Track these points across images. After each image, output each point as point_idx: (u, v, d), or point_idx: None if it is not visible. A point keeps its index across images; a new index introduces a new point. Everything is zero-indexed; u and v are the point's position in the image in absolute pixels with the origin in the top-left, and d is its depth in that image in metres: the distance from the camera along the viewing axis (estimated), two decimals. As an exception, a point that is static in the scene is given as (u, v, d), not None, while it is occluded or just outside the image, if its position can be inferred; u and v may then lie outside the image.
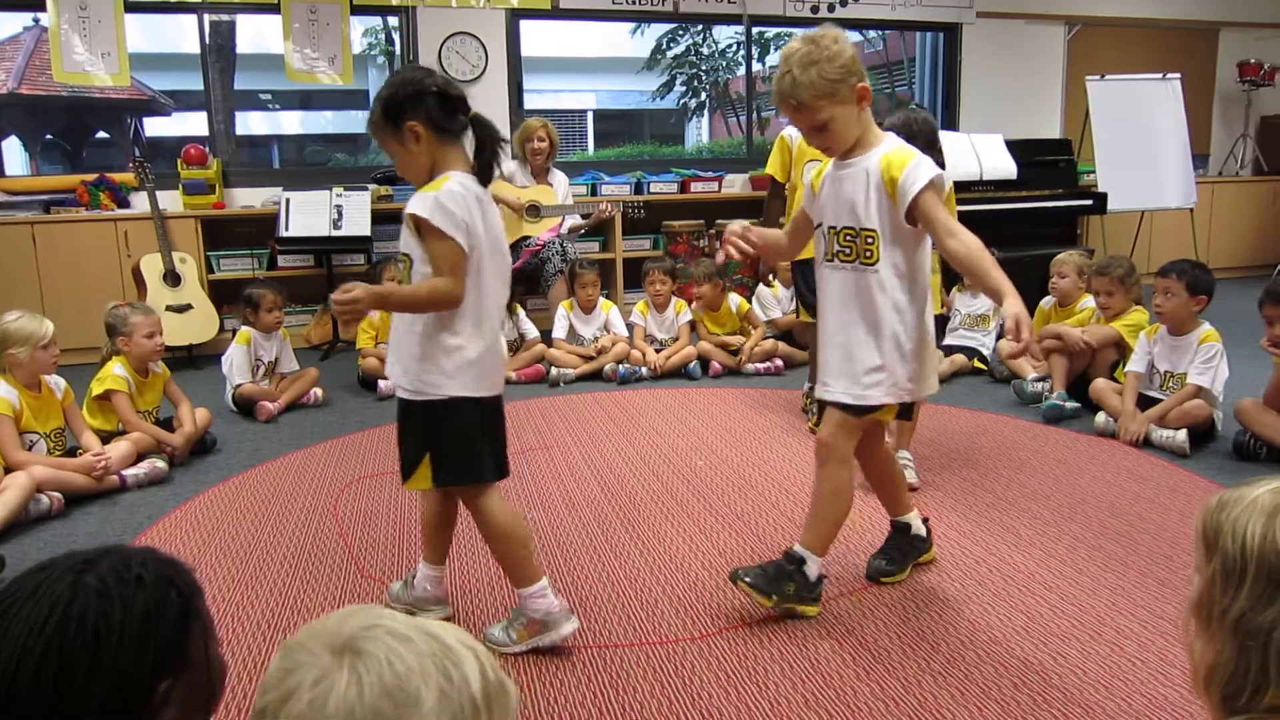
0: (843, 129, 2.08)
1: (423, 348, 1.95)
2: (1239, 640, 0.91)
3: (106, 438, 3.41)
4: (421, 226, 1.89)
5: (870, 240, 2.11)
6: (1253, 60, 7.90)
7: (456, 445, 2.00)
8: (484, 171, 2.01)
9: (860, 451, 2.29)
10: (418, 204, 1.90)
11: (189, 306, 5.21)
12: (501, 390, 2.09)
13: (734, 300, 5.02)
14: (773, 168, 3.81)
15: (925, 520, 2.49)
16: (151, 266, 5.18)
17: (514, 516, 2.09)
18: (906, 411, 2.31)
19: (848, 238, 2.14)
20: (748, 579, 2.16)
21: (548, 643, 2.04)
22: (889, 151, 2.09)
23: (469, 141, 2.02)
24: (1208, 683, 0.95)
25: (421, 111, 1.92)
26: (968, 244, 2.02)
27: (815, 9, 6.92)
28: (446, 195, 1.89)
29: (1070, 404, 3.82)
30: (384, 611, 0.79)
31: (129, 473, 3.28)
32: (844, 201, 2.14)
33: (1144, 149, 6.68)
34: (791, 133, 3.64)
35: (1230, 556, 0.92)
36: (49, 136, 11.48)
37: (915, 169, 2.03)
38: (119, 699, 0.92)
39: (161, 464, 3.39)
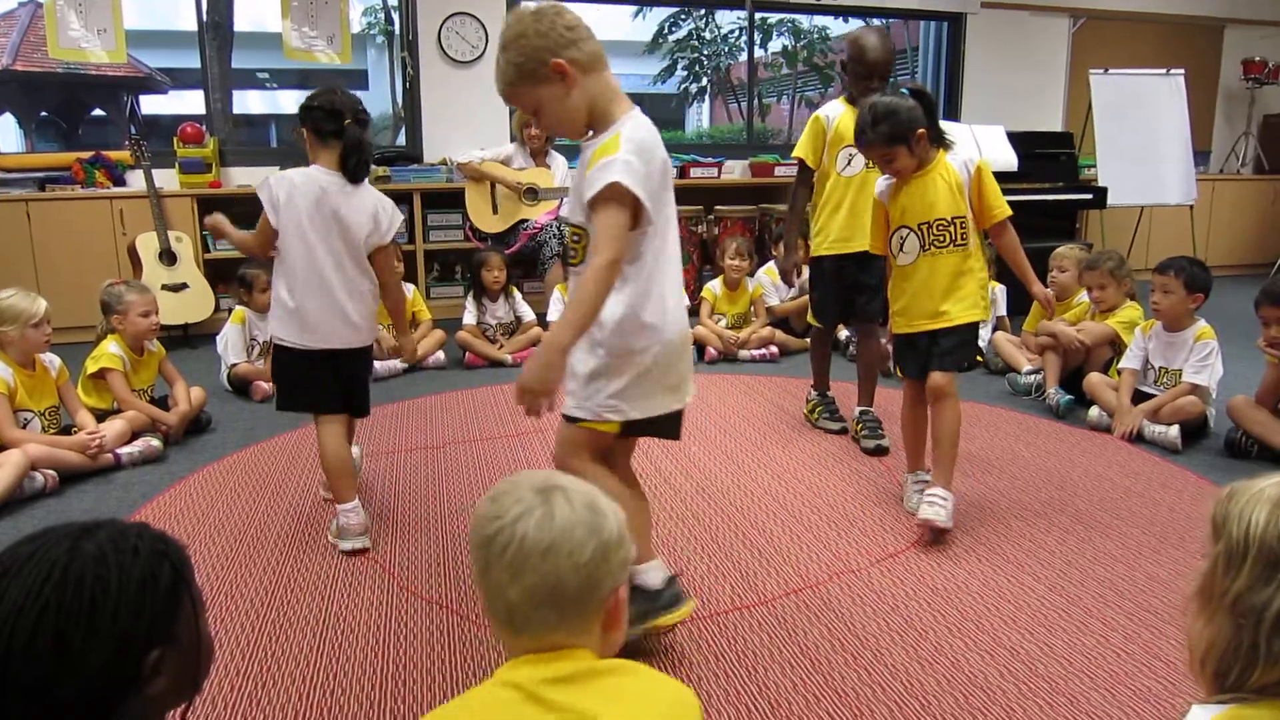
0: (552, 112, 1.84)
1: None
2: (1235, 619, 0.96)
3: (101, 416, 3.41)
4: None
5: (577, 239, 1.88)
6: (1257, 58, 7.88)
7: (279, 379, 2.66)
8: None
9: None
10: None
11: (185, 286, 5.20)
12: (337, 345, 2.55)
13: (749, 282, 5.03)
14: (803, 151, 3.42)
15: (673, 577, 2.01)
16: (147, 245, 5.17)
17: (337, 451, 2.57)
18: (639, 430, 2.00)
19: (574, 236, 1.90)
20: None
21: (342, 545, 2.53)
22: (603, 141, 1.80)
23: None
24: (1204, 661, 1.00)
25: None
26: (592, 269, 1.70)
27: (818, -3, 6.90)
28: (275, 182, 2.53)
29: (1065, 398, 3.82)
30: (547, 470, 1.11)
31: (124, 451, 3.28)
32: (575, 193, 1.90)
33: (1145, 144, 6.67)
34: (828, 113, 3.31)
35: (1234, 541, 0.98)
36: (44, 114, 11.42)
37: (600, 170, 1.73)
38: (113, 665, 0.93)
39: (156, 443, 3.39)
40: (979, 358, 4.68)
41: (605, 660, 1.05)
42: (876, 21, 11.34)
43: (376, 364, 4.46)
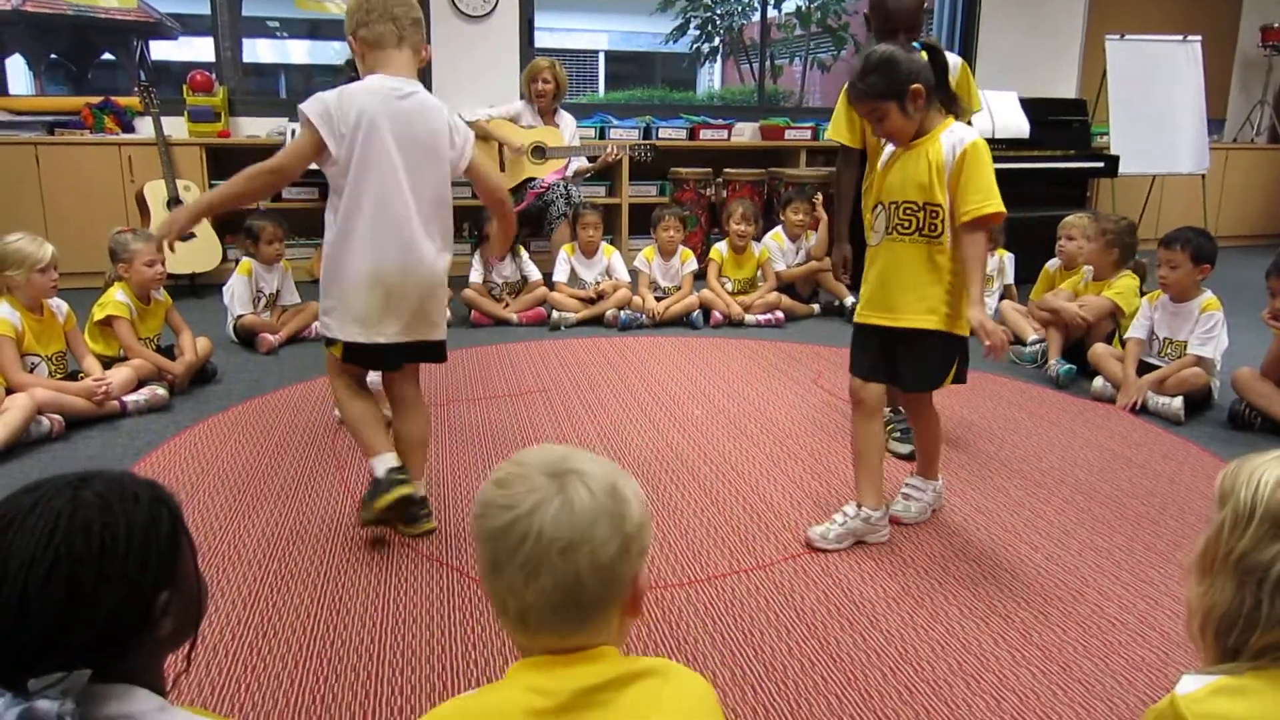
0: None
1: None
2: (1238, 578, 0.99)
3: (108, 363, 3.43)
4: None
5: None
6: (1276, 24, 7.75)
7: None
8: None
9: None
10: None
11: (192, 235, 5.19)
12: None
13: (755, 247, 5.00)
14: (837, 132, 3.17)
15: (398, 468, 2.32)
16: (155, 193, 5.15)
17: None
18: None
19: None
20: None
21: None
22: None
23: None
24: (1204, 624, 1.03)
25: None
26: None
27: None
28: None
29: (1065, 368, 3.82)
30: (557, 446, 1.02)
31: (129, 399, 3.30)
32: None
33: (1160, 112, 6.59)
34: None
35: (1242, 502, 1.00)
36: (54, 56, 11.32)
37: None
38: (124, 608, 0.96)
39: (162, 391, 3.41)
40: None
41: (632, 661, 0.99)
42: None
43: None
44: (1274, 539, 0.97)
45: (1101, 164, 6.17)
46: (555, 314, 4.73)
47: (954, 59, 2.45)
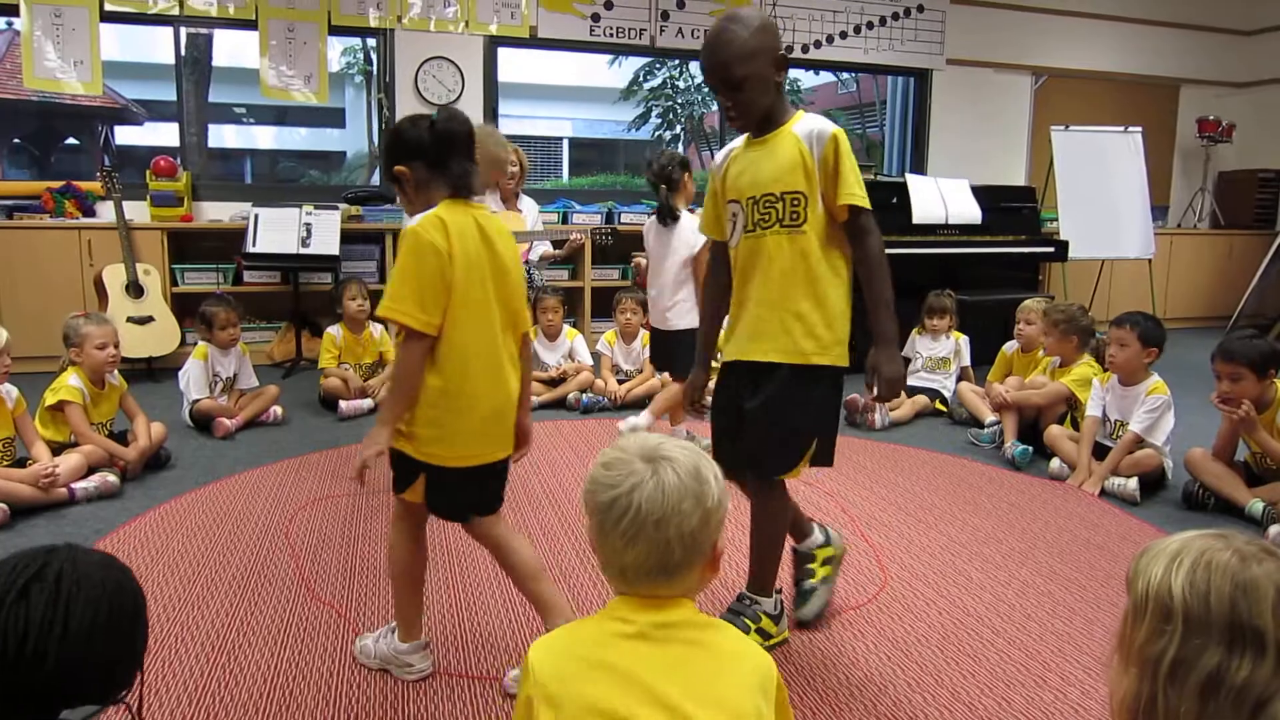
0: None
1: None
2: (1139, 668, 1.00)
3: (59, 449, 3.36)
4: None
5: None
6: (1211, 117, 8.14)
7: None
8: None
9: None
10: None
11: (150, 319, 5.16)
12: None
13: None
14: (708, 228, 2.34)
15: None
16: (114, 277, 5.12)
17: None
18: None
19: None
20: None
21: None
22: None
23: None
24: (1118, 711, 1.04)
25: None
26: None
27: (789, 49, 7.03)
28: None
29: (1021, 449, 3.87)
30: (651, 435, 1.22)
31: (78, 486, 3.22)
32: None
33: (1106, 199, 6.83)
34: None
35: (1138, 595, 1.01)
36: (17, 140, 11.34)
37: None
38: (142, 652, 1.19)
39: (113, 478, 3.33)
40: (943, 406, 4.72)
41: (703, 616, 1.20)
42: (845, 76, 11.53)
43: (342, 404, 4.44)
44: (1161, 633, 0.97)
45: (1052, 249, 6.36)
46: (517, 397, 4.72)
47: (821, 125, 2.07)
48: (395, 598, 2.10)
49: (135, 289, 5.15)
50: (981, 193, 6.20)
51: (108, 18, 5.59)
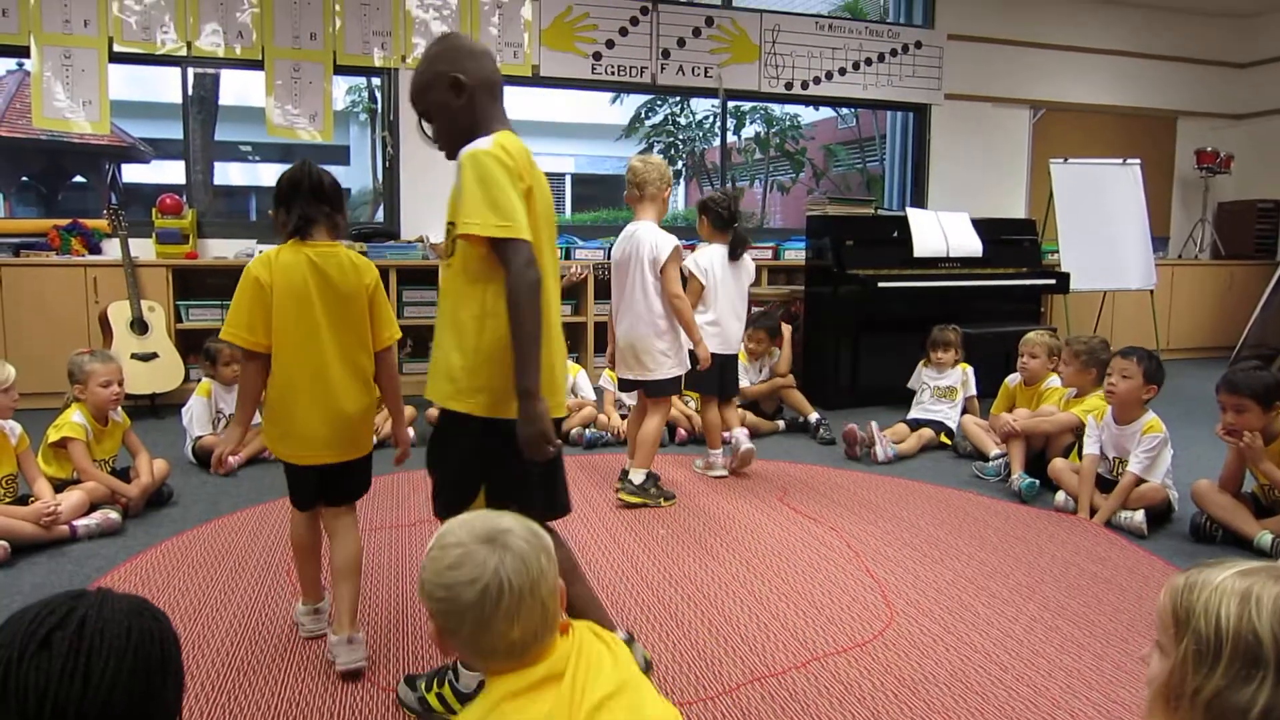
0: None
1: None
2: (1211, 719, 0.91)
3: (61, 486, 3.35)
4: None
5: None
6: (1209, 148, 8.19)
7: None
8: None
9: None
10: None
11: (155, 355, 5.17)
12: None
13: None
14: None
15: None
16: (119, 314, 5.14)
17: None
18: None
19: None
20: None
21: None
22: None
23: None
24: None
25: None
26: None
27: (789, 85, 7.10)
28: None
29: (1027, 482, 3.85)
30: (463, 517, 1.26)
31: (80, 523, 3.21)
32: None
33: (1105, 231, 6.86)
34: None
35: (1205, 637, 0.93)
36: (25, 179, 11.45)
37: None
38: (175, 703, 1.11)
39: (115, 515, 3.32)
40: (947, 439, 4.70)
41: (567, 637, 1.28)
42: (844, 111, 11.65)
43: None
44: (1248, 679, 0.89)
45: (1054, 281, 6.37)
46: (520, 432, 4.71)
47: (473, 146, 1.90)
48: (295, 565, 2.52)
49: (140, 325, 5.16)
50: (982, 225, 6.22)
51: (117, 59, 5.67)
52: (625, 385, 3.90)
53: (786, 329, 5.12)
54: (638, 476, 3.69)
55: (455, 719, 1.26)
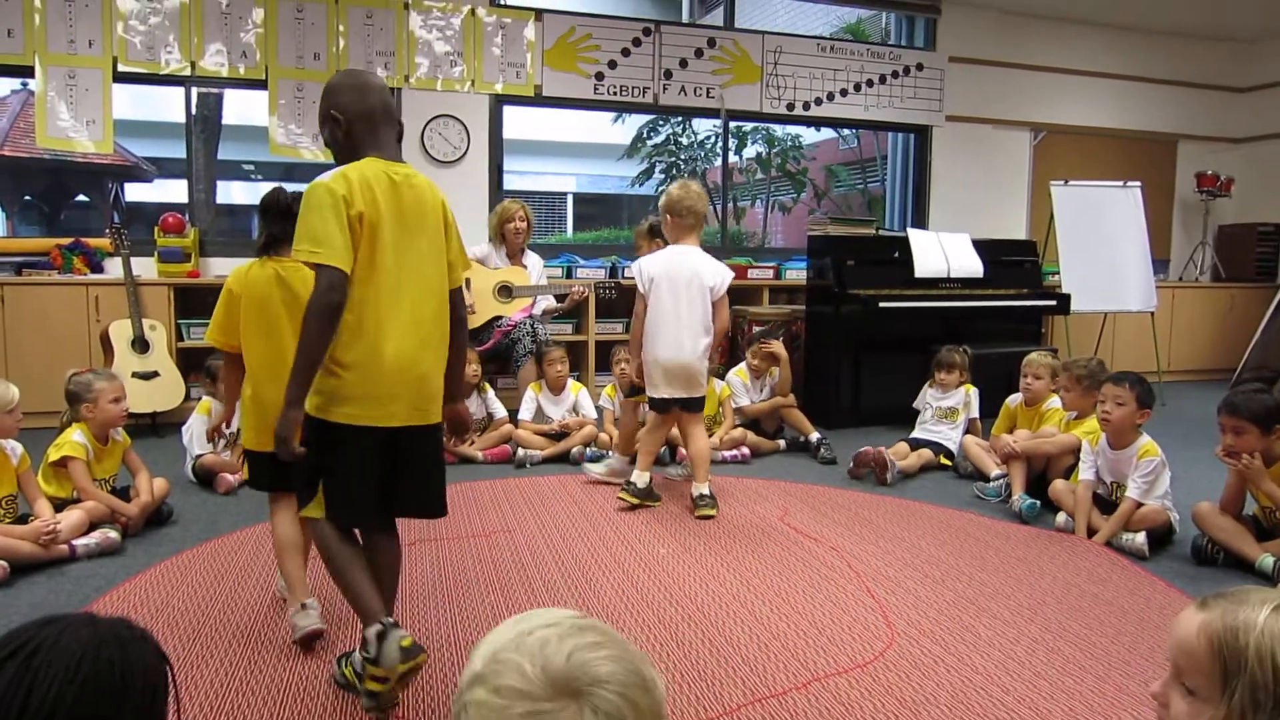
0: None
1: None
2: None
3: (61, 505, 3.34)
4: None
5: None
6: (1209, 171, 8.22)
7: None
8: None
9: None
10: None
11: (155, 374, 5.17)
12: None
13: (717, 384, 5.03)
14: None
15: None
16: (120, 332, 5.15)
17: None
18: None
19: None
20: None
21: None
22: None
23: None
24: None
25: None
26: None
27: (790, 106, 7.14)
28: None
29: (1028, 504, 3.84)
30: (532, 638, 0.86)
31: (80, 542, 3.20)
32: None
33: (1106, 253, 6.87)
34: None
35: (1263, 685, 0.91)
36: (28, 198, 11.49)
37: None
38: None
39: (114, 534, 3.32)
40: (948, 461, 4.69)
41: None
42: (846, 132, 11.72)
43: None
44: None
45: (1054, 302, 6.38)
46: (520, 451, 4.71)
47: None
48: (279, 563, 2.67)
49: (141, 344, 5.17)
50: (983, 246, 6.23)
51: (121, 78, 5.70)
52: (660, 404, 3.98)
53: (781, 348, 5.07)
54: (641, 479, 3.91)
55: None
